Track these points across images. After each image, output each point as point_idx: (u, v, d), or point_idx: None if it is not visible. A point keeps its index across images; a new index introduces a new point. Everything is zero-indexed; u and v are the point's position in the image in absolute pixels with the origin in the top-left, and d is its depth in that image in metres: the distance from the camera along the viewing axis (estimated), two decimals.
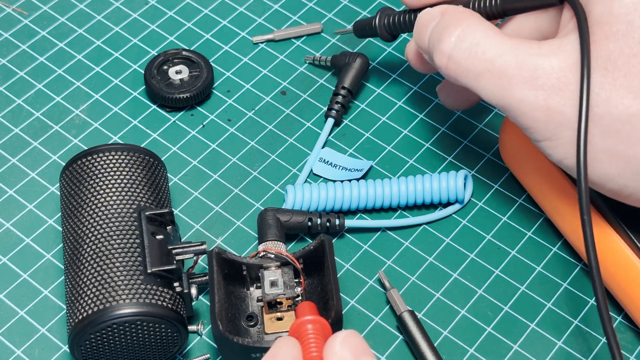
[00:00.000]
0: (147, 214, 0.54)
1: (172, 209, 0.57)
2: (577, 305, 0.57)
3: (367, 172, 0.63)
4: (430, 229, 0.61)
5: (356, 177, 0.61)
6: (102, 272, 0.52)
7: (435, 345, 0.55)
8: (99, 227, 0.54)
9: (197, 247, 0.54)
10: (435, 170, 0.63)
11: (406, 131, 0.65)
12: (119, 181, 0.56)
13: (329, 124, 0.65)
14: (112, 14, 0.71)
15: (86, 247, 0.53)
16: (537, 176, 0.58)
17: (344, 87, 0.65)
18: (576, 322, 0.57)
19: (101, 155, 0.57)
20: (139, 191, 0.56)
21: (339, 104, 0.65)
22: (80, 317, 0.51)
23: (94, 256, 0.53)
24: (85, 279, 0.52)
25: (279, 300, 0.54)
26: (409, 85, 0.67)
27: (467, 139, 0.64)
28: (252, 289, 0.56)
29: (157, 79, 0.66)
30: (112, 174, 0.56)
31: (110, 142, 0.64)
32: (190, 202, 0.62)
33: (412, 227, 0.61)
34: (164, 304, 0.51)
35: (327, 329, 0.46)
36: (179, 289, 0.53)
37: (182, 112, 0.66)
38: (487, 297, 0.58)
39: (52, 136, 0.65)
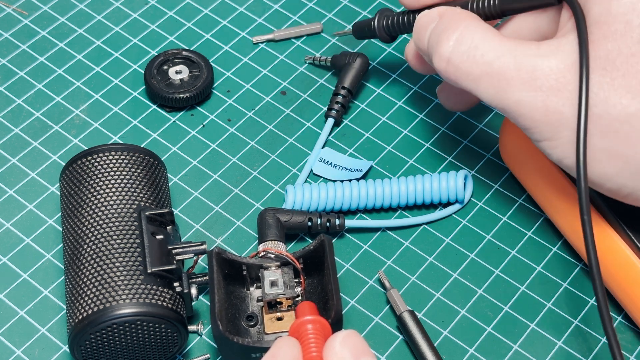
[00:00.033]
0: (147, 214, 0.54)
1: (172, 209, 0.57)
2: (577, 305, 0.57)
3: (367, 172, 0.63)
4: (430, 229, 0.61)
5: (356, 177, 0.61)
6: (102, 272, 0.52)
7: (435, 345, 0.55)
8: (99, 227, 0.54)
9: (197, 247, 0.54)
10: (435, 170, 0.63)
11: (406, 131, 0.65)
12: (119, 181, 0.56)
13: (329, 124, 0.65)
14: (112, 14, 0.71)
15: (86, 247, 0.53)
16: (537, 176, 0.58)
17: (344, 87, 0.65)
18: (576, 322, 0.57)
19: (101, 155, 0.57)
20: (139, 191, 0.56)
21: (339, 104, 0.65)
22: (80, 317, 0.51)
23: (94, 256, 0.53)
24: (85, 279, 0.52)
25: (279, 300, 0.54)
26: (409, 85, 0.67)
27: (467, 139, 0.64)
28: (252, 289, 0.56)
29: (157, 79, 0.66)
30: (112, 174, 0.56)
31: (110, 142, 0.64)
32: (190, 202, 0.62)
33: (412, 227, 0.61)
34: (164, 304, 0.51)
35: (327, 329, 0.46)
36: (179, 289, 0.53)
37: (182, 112, 0.66)
38: (487, 297, 0.58)
39: (52, 136, 0.65)
